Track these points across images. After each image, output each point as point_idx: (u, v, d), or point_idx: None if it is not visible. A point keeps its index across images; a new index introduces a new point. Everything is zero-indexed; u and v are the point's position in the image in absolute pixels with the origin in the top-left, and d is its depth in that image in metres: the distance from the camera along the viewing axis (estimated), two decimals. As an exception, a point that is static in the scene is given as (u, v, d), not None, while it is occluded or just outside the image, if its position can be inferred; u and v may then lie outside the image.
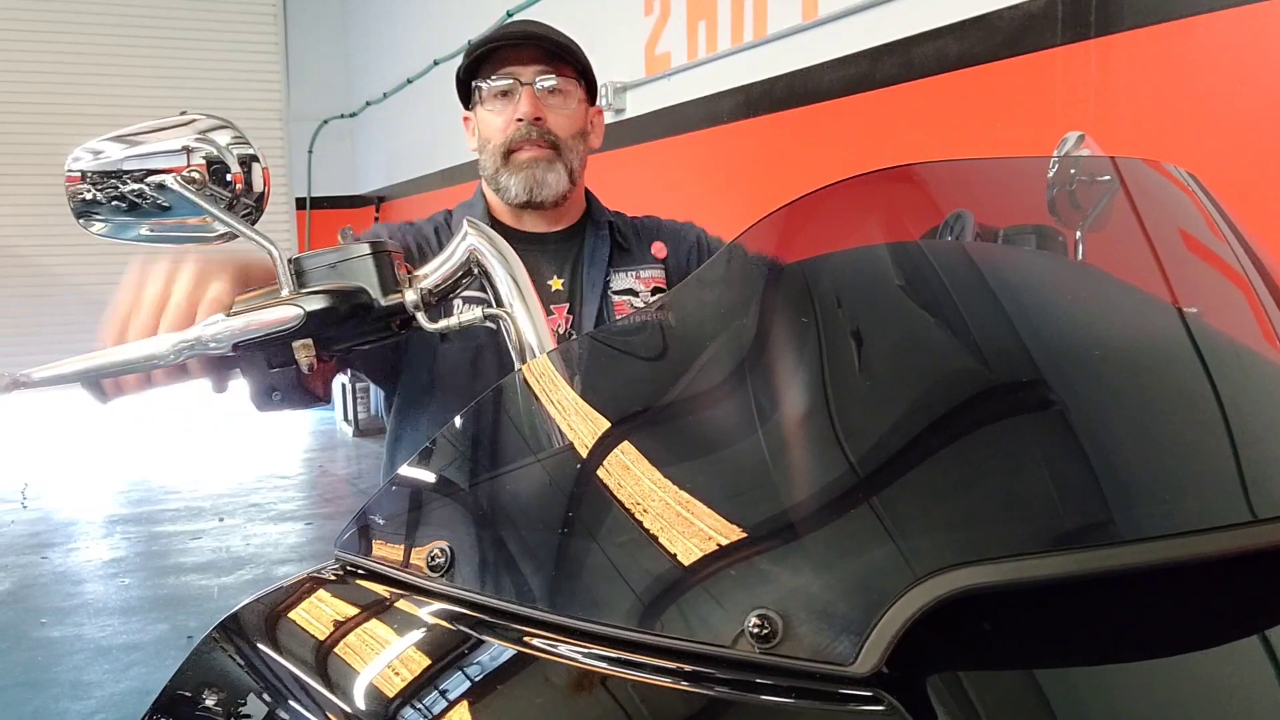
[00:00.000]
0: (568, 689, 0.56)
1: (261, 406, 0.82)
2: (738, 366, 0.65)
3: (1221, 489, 0.57)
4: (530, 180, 1.42)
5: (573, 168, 1.47)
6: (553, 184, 1.43)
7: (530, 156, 1.42)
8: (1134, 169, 0.83)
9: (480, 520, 0.64)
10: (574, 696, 0.56)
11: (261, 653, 0.66)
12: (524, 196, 1.43)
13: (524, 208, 1.47)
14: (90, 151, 0.82)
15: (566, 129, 1.45)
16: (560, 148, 1.44)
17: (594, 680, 0.55)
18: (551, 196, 1.44)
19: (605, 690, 0.55)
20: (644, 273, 1.53)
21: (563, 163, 1.45)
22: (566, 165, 1.45)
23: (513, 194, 1.44)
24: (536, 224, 1.51)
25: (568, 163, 1.45)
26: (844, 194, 0.75)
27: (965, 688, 0.51)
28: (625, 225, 1.59)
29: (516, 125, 1.42)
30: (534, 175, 1.42)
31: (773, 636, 0.51)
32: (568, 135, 1.45)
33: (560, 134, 1.44)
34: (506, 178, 1.44)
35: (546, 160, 1.43)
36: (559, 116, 1.44)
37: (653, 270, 1.54)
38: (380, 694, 0.59)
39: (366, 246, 0.80)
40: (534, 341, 0.83)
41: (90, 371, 0.80)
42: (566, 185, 1.46)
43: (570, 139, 1.46)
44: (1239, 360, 0.68)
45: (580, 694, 0.55)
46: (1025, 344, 0.63)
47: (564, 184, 1.45)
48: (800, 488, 0.58)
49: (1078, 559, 0.53)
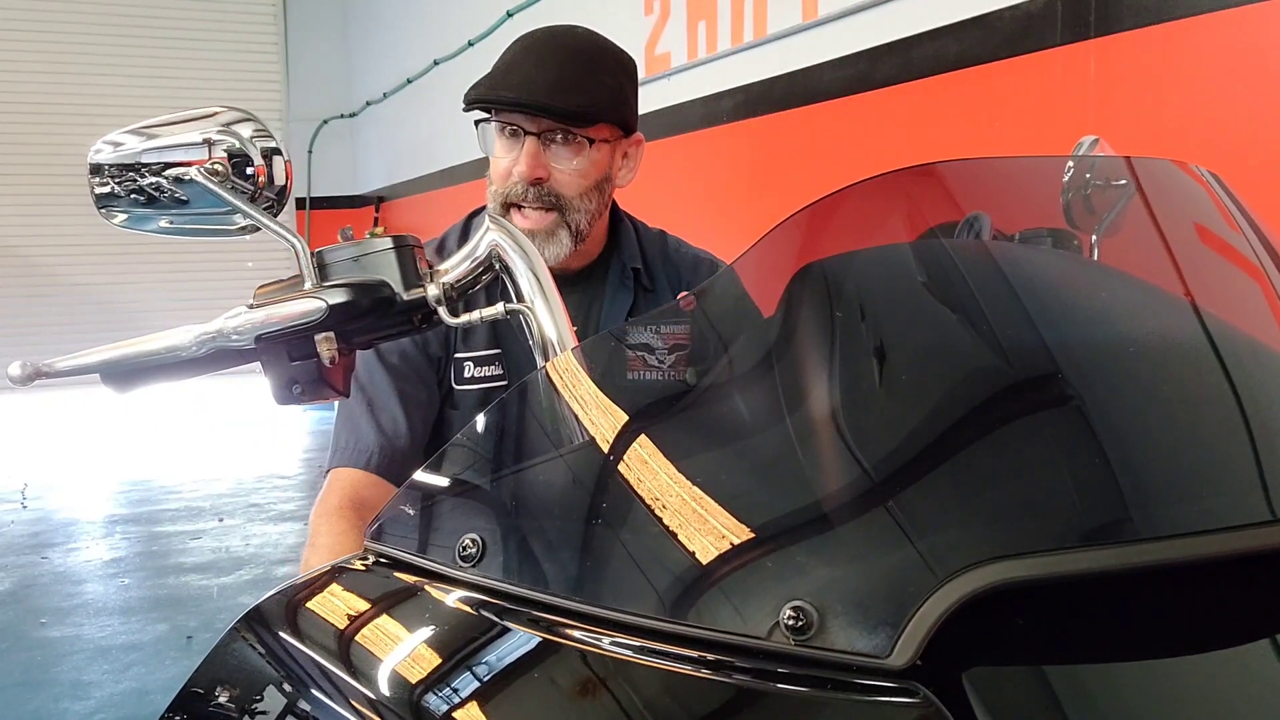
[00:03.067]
0: (597, 678, 0.56)
1: (282, 400, 0.82)
2: (767, 361, 0.65)
3: (1243, 488, 0.57)
4: None
5: (580, 228, 1.33)
6: (551, 255, 1.30)
7: (527, 227, 1.29)
8: (1153, 170, 0.83)
9: (512, 511, 0.64)
10: (604, 685, 0.56)
11: (286, 642, 0.67)
12: None
13: None
14: (111, 144, 0.82)
15: (575, 187, 1.30)
16: (565, 209, 1.31)
17: (625, 669, 0.55)
18: (549, 263, 1.34)
19: (637, 679, 0.55)
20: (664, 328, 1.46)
21: (566, 225, 1.31)
22: (572, 227, 1.31)
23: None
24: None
25: (574, 224, 1.31)
26: (866, 193, 0.75)
27: (1000, 681, 0.51)
28: (654, 259, 1.47)
29: (515, 181, 1.29)
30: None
31: (808, 628, 0.51)
32: (575, 194, 1.31)
33: (566, 193, 1.30)
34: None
35: (546, 230, 1.30)
36: (566, 175, 1.30)
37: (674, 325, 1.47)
38: (407, 681, 0.59)
39: (389, 240, 0.80)
40: (555, 337, 0.83)
41: (112, 362, 0.80)
42: (569, 249, 1.33)
43: (578, 197, 1.31)
44: (1259, 360, 0.69)
45: (611, 683, 0.56)
46: (1049, 343, 0.63)
47: (565, 250, 1.32)
48: (834, 482, 0.58)
49: (1108, 554, 0.53)
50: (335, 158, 8.70)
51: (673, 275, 1.46)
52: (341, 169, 8.72)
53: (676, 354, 1.50)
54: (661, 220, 1.67)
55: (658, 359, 1.46)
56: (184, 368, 0.82)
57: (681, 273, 1.47)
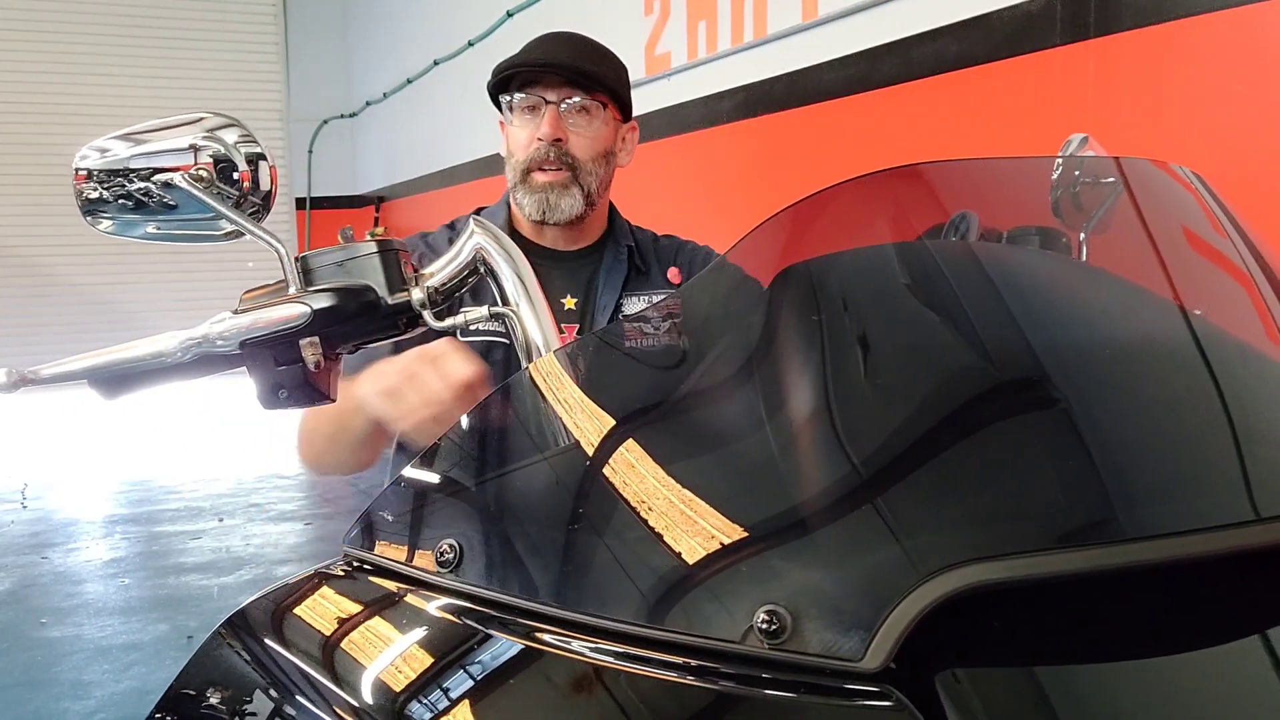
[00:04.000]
0: (576, 684, 0.56)
1: (268, 405, 0.82)
2: (745, 365, 0.65)
3: (1226, 488, 0.57)
4: (543, 203, 1.45)
5: (590, 190, 1.48)
6: (565, 208, 1.46)
7: (546, 180, 1.45)
8: (1139, 170, 0.83)
9: (489, 517, 0.64)
10: (582, 691, 0.56)
11: (269, 648, 0.67)
12: (536, 216, 1.47)
13: (539, 224, 1.50)
14: (97, 150, 0.82)
15: (588, 151, 1.47)
16: (578, 170, 1.46)
17: (602, 675, 0.56)
18: (563, 219, 1.47)
19: (613, 685, 0.55)
20: (657, 298, 1.54)
21: (579, 185, 1.46)
22: (584, 188, 1.47)
23: (526, 212, 1.48)
24: (555, 240, 1.53)
25: (585, 185, 1.47)
26: (850, 193, 0.75)
27: (973, 684, 0.51)
28: (646, 246, 1.61)
29: (537, 144, 1.44)
30: (546, 199, 1.45)
31: (781, 632, 0.52)
32: (588, 158, 1.47)
33: (580, 156, 1.46)
34: (523, 195, 1.47)
35: (561, 184, 1.45)
36: (581, 139, 1.46)
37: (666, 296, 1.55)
38: (389, 688, 0.59)
39: (373, 245, 0.81)
40: (540, 340, 0.83)
41: (98, 369, 0.80)
42: (581, 208, 1.47)
43: (590, 161, 1.47)
44: (1243, 360, 0.69)
45: (588, 688, 0.56)
46: (1032, 344, 0.63)
47: (578, 207, 1.47)
48: (809, 485, 0.58)
49: (1085, 556, 0.53)
50: (335, 158, 8.71)
51: (664, 260, 1.61)
52: (341, 169, 8.73)
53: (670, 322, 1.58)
54: (662, 220, 1.69)
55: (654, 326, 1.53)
56: (171, 373, 0.82)
57: (670, 256, 1.62)
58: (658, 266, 1.59)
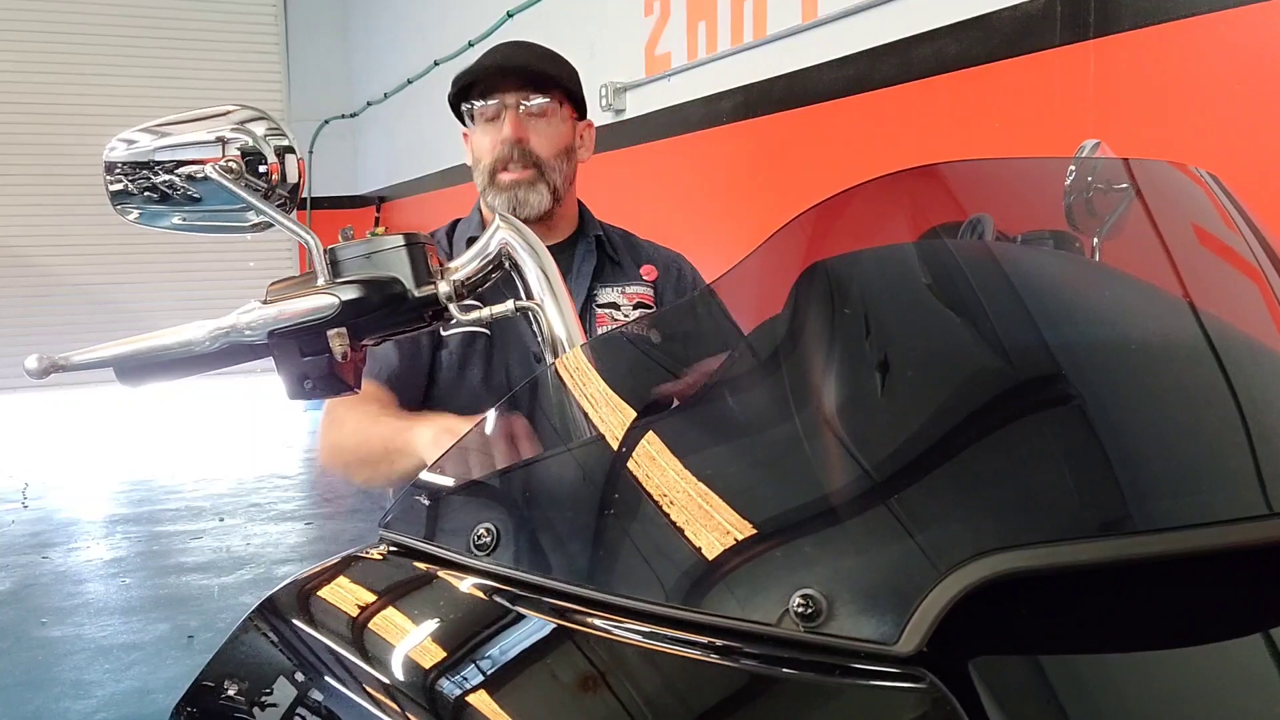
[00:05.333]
0: (610, 664, 0.57)
1: (294, 394, 0.83)
2: (774, 358, 0.66)
3: (1241, 483, 0.58)
4: (512, 200, 1.54)
5: (556, 185, 1.57)
6: (534, 204, 1.55)
7: (513, 179, 1.55)
8: (1152, 171, 0.84)
9: (526, 502, 0.65)
10: (616, 671, 0.57)
11: (302, 630, 0.67)
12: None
13: None
14: (125, 141, 0.83)
15: (549, 149, 1.56)
16: (543, 167, 1.55)
17: (637, 655, 0.56)
18: (533, 214, 1.54)
19: (647, 665, 0.56)
20: (629, 288, 1.62)
21: (545, 182, 1.56)
22: (550, 184, 1.56)
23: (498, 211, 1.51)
24: None
25: (551, 181, 1.56)
26: (872, 193, 0.76)
27: (1005, 669, 0.52)
28: (616, 239, 1.69)
29: (501, 146, 1.54)
30: (515, 196, 1.54)
31: (817, 616, 0.52)
32: (550, 155, 1.56)
33: (543, 154, 1.55)
34: (493, 196, 1.56)
35: (528, 181, 1.55)
36: (542, 137, 1.56)
37: (638, 286, 1.63)
38: (426, 665, 0.60)
39: (401, 238, 0.82)
40: (564, 334, 0.84)
41: (126, 357, 0.81)
42: (549, 203, 1.56)
43: (553, 158, 1.56)
44: (1256, 358, 0.70)
45: (622, 668, 0.57)
46: (1054, 342, 0.65)
47: (545, 202, 1.56)
48: (841, 476, 0.59)
49: (1109, 546, 0.54)
50: (336, 158, 8.70)
51: (636, 256, 1.70)
52: (342, 169, 8.72)
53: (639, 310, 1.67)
54: (662, 220, 1.72)
55: (623, 314, 1.62)
56: (197, 363, 0.83)
57: (643, 255, 1.71)
58: (630, 259, 1.67)
